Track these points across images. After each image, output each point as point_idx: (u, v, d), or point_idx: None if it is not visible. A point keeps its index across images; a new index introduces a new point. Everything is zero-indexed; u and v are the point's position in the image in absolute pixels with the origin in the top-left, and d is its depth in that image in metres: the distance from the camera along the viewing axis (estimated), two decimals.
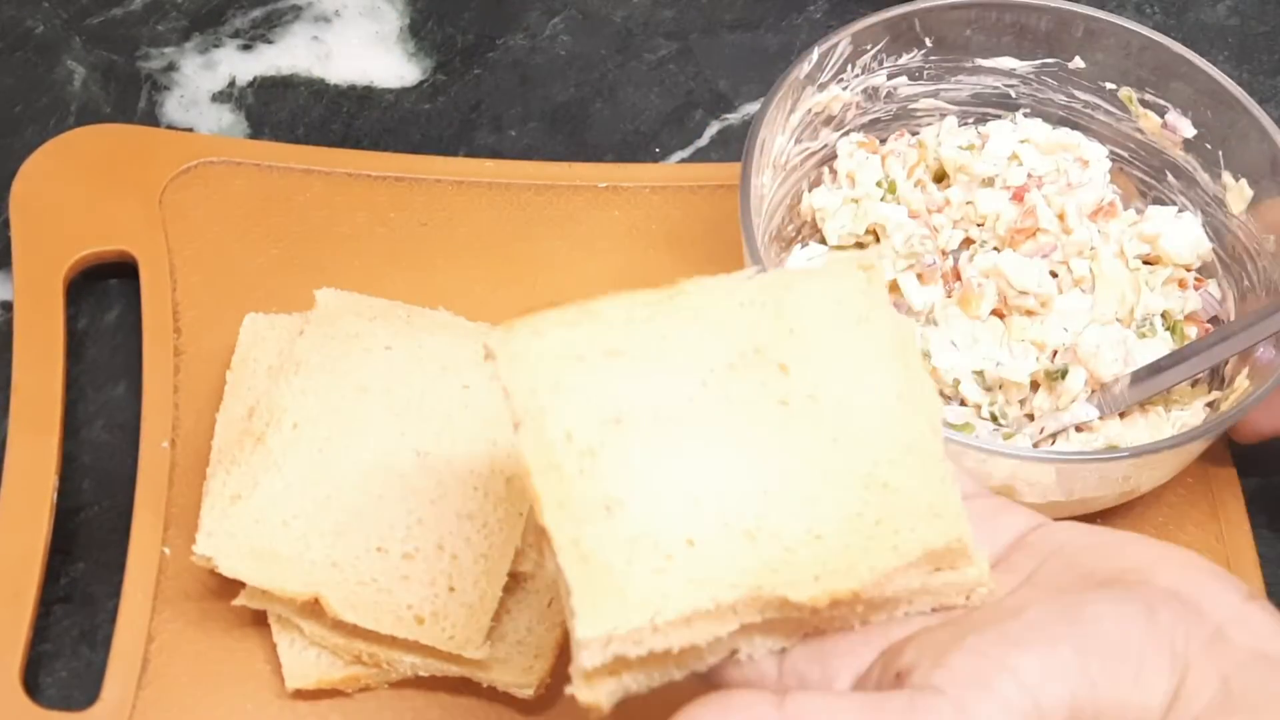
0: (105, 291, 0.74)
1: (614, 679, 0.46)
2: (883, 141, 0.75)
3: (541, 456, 0.47)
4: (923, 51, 0.74)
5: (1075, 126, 0.74)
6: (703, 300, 0.51)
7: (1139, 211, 0.73)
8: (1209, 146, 0.72)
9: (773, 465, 0.48)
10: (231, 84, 0.83)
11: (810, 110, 0.73)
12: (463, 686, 0.61)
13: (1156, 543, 0.48)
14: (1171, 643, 0.44)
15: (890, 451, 0.48)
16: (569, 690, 0.46)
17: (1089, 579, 0.46)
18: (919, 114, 0.76)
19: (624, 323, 0.50)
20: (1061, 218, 0.70)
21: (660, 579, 0.45)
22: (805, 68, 0.71)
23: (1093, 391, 0.67)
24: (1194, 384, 0.69)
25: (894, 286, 0.70)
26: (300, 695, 0.61)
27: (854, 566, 0.46)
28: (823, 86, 0.72)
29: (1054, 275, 0.69)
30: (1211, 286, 0.71)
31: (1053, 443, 0.67)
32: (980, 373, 0.68)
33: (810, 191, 0.74)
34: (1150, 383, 0.67)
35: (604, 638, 0.44)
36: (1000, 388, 0.68)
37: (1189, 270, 0.71)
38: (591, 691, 0.45)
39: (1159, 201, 0.74)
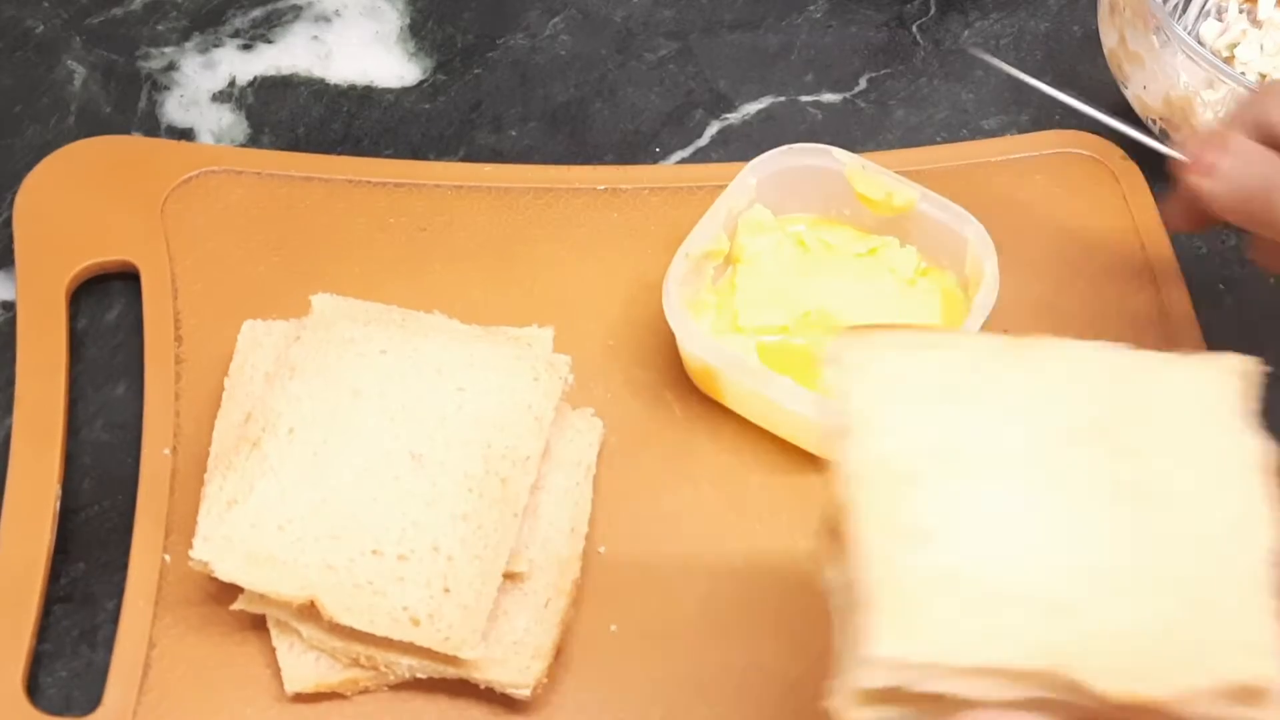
0: (105, 291, 0.74)
1: (872, 710, 0.45)
2: None
3: (865, 468, 0.47)
4: None
5: None
6: (1054, 358, 0.50)
7: None
8: None
9: (1095, 546, 0.46)
10: (231, 84, 0.84)
11: None
12: (461, 688, 0.62)
13: None
14: None
15: (1220, 570, 0.46)
16: (832, 708, 0.45)
17: None
18: None
19: (968, 362, 0.50)
20: None
21: (963, 623, 0.45)
22: None
23: None
24: None
25: None
26: (300, 699, 0.61)
27: (1162, 675, 0.44)
28: None
29: None
30: None
31: None
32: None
33: None
34: None
35: (896, 661, 0.44)
36: None
37: None
38: (856, 714, 0.45)
39: None
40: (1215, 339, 0.75)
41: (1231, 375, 0.50)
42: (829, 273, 0.73)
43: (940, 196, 0.73)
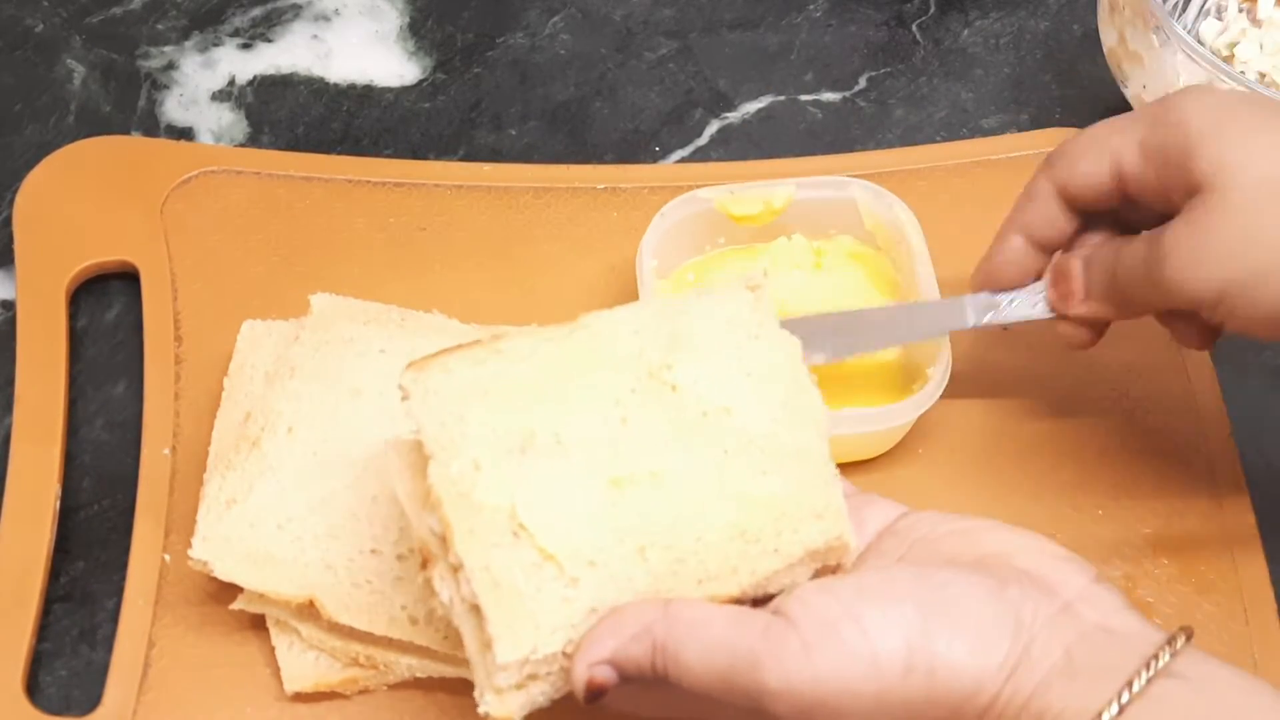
0: (105, 290, 0.74)
1: (523, 692, 0.49)
2: None
3: (451, 487, 0.50)
4: None
5: None
6: (600, 331, 0.54)
7: None
8: None
9: (666, 482, 0.51)
10: (231, 83, 0.84)
11: None
12: (460, 687, 0.61)
13: (1016, 530, 0.52)
14: (1018, 614, 0.48)
15: (777, 458, 0.52)
16: (480, 709, 0.49)
17: (952, 563, 0.50)
18: None
19: (527, 358, 0.53)
20: None
21: (568, 607, 0.49)
22: None
23: None
24: None
25: None
26: (299, 698, 0.61)
27: (736, 572, 0.50)
28: None
29: None
30: None
31: None
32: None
33: None
34: None
35: (521, 662, 0.48)
36: None
37: None
38: (503, 705, 0.49)
39: None
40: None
41: (745, 291, 0.55)
42: None
43: (816, 177, 0.74)
